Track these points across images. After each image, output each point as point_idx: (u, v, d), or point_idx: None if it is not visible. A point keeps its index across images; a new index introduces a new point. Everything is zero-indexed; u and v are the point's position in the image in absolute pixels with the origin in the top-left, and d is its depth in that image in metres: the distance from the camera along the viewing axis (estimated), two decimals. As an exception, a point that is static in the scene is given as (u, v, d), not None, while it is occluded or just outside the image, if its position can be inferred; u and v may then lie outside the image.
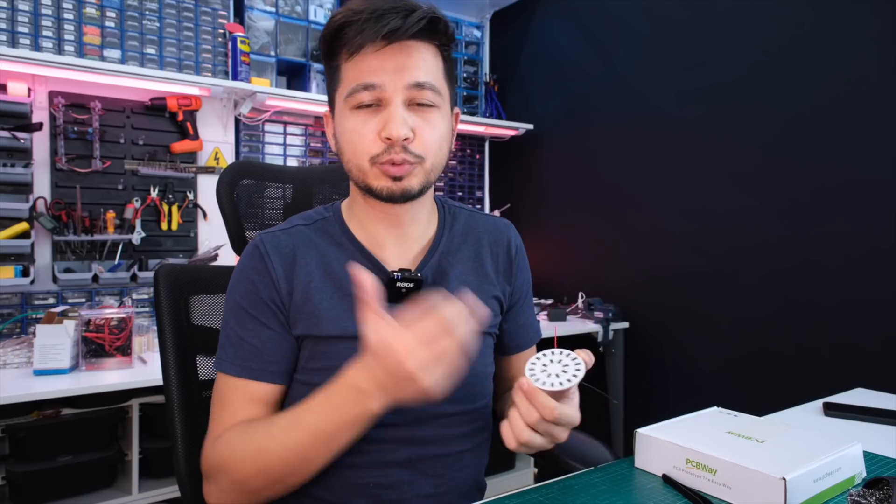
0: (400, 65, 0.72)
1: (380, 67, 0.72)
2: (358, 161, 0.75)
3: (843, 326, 1.75)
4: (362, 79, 0.72)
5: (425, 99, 0.74)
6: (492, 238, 0.90)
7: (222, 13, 2.20)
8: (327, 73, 0.79)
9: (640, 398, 2.34)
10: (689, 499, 0.66)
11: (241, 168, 0.99)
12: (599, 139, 2.52)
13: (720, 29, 2.06)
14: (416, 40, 0.74)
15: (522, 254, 0.93)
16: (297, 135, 2.51)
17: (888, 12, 1.66)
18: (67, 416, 1.72)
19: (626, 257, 2.40)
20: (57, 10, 1.91)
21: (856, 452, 0.70)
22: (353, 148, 0.75)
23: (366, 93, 0.73)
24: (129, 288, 2.08)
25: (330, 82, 0.79)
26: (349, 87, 0.73)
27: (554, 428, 0.64)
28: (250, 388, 0.76)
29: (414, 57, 0.73)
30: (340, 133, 0.77)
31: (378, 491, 0.77)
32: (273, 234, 0.81)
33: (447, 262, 0.84)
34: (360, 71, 0.73)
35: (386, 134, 0.72)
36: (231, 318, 0.78)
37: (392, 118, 0.72)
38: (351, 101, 0.74)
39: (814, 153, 1.82)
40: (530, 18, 2.84)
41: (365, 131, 0.73)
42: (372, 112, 0.73)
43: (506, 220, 0.95)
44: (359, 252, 0.81)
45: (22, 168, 1.89)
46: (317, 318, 0.76)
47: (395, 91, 0.72)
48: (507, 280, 0.90)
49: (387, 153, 0.73)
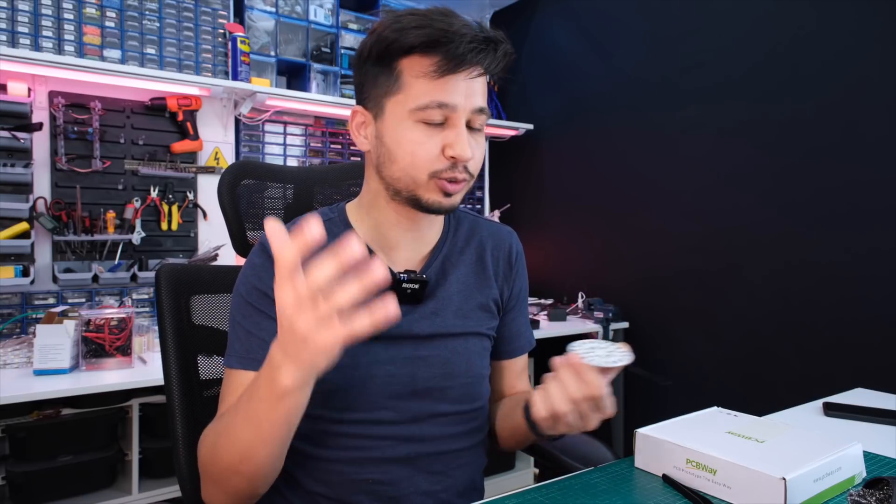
0: (471, 90, 0.75)
1: (455, 89, 0.74)
2: (415, 173, 0.75)
3: (843, 326, 1.75)
4: (439, 97, 0.73)
5: (480, 123, 0.78)
6: (494, 243, 0.92)
7: (222, 13, 2.20)
8: (373, 73, 0.77)
9: (640, 398, 2.34)
10: (689, 499, 0.66)
11: (242, 168, 1.00)
12: (599, 139, 2.52)
13: (720, 29, 2.06)
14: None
15: (522, 261, 0.95)
16: (297, 135, 2.51)
17: (888, 12, 1.66)
18: (67, 416, 1.72)
19: (626, 257, 2.40)
20: (57, 10, 1.91)
21: (856, 452, 0.70)
22: (412, 160, 0.75)
23: (438, 111, 0.74)
24: (129, 288, 2.08)
25: (378, 84, 0.77)
26: (420, 101, 0.74)
27: (592, 411, 0.67)
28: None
29: (479, 82, 0.76)
30: (396, 141, 0.76)
31: (377, 487, 0.78)
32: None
33: (450, 264, 0.86)
34: (438, 89, 0.73)
35: (454, 154, 0.74)
36: (238, 315, 0.79)
37: (461, 140, 0.74)
38: (420, 114, 0.74)
39: (814, 153, 1.82)
40: (530, 18, 2.84)
41: (430, 146, 0.74)
42: (436, 128, 0.75)
43: (509, 228, 0.97)
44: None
45: (22, 168, 1.89)
46: None
47: (463, 113, 0.75)
48: (506, 283, 0.92)
49: (450, 170, 0.75)
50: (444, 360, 0.82)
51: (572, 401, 0.66)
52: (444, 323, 0.83)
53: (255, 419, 0.65)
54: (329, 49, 2.49)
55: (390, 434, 0.78)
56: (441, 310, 0.83)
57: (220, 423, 0.72)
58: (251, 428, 0.65)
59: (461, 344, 0.84)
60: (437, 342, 0.82)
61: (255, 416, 0.65)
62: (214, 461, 0.71)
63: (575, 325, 2.28)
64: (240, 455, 0.67)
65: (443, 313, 0.83)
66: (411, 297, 0.80)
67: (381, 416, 0.78)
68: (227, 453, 0.68)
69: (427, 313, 0.82)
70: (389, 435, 0.78)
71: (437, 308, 0.83)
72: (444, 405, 0.81)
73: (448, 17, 0.74)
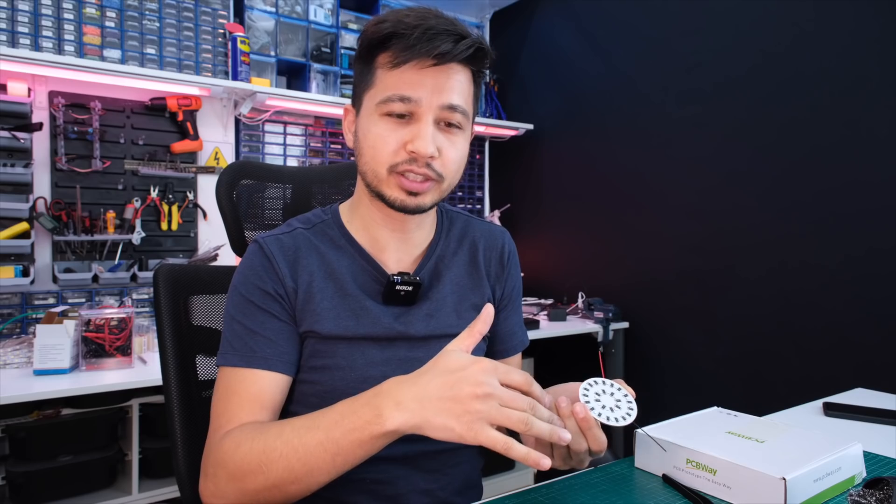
0: (439, 85, 0.74)
1: (419, 83, 0.73)
2: (375, 167, 0.76)
3: (843, 326, 1.75)
4: (399, 90, 0.73)
5: (454, 120, 0.76)
6: (487, 243, 0.92)
7: (222, 13, 2.20)
8: (358, 70, 0.80)
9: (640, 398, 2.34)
10: (689, 499, 0.66)
11: (240, 168, 0.99)
12: (599, 139, 2.52)
13: (720, 29, 2.06)
14: (457, 63, 0.76)
15: (515, 260, 0.95)
16: (297, 135, 2.51)
17: (888, 12, 1.66)
18: (67, 416, 1.72)
19: (626, 257, 2.40)
20: (57, 10, 1.91)
21: (856, 452, 0.70)
22: (373, 153, 0.76)
23: (400, 104, 0.74)
24: (129, 288, 2.08)
25: (360, 80, 0.79)
26: (384, 94, 0.74)
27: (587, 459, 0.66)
28: (259, 379, 0.75)
29: (452, 79, 0.75)
30: (363, 135, 0.78)
31: (375, 486, 0.78)
32: (275, 237, 0.82)
33: (443, 266, 0.87)
34: (399, 82, 0.73)
35: (413, 148, 0.73)
36: (238, 314, 0.78)
37: (422, 134, 0.73)
38: (383, 107, 0.74)
39: (813, 153, 1.82)
40: (530, 18, 2.84)
41: (390, 140, 0.74)
42: (401, 123, 0.75)
43: (502, 228, 0.97)
44: (358, 254, 0.83)
45: (22, 168, 1.89)
46: (318, 316, 0.78)
47: (428, 108, 0.74)
48: (498, 282, 0.92)
49: (407, 164, 0.75)
50: None
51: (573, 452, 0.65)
52: (438, 324, 0.83)
53: (333, 447, 0.63)
54: (329, 49, 2.49)
55: None
56: (436, 311, 0.83)
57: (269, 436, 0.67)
58: (325, 455, 0.64)
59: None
60: (433, 343, 0.82)
61: (333, 444, 0.63)
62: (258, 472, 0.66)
63: (575, 325, 2.28)
64: (296, 476, 0.65)
65: (437, 314, 0.83)
66: (405, 299, 0.81)
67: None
68: (282, 471, 0.65)
69: (422, 315, 0.82)
70: None
71: (431, 309, 0.83)
72: None
73: (425, 14, 0.74)
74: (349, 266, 0.82)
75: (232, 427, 0.72)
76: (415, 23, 0.72)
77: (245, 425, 0.71)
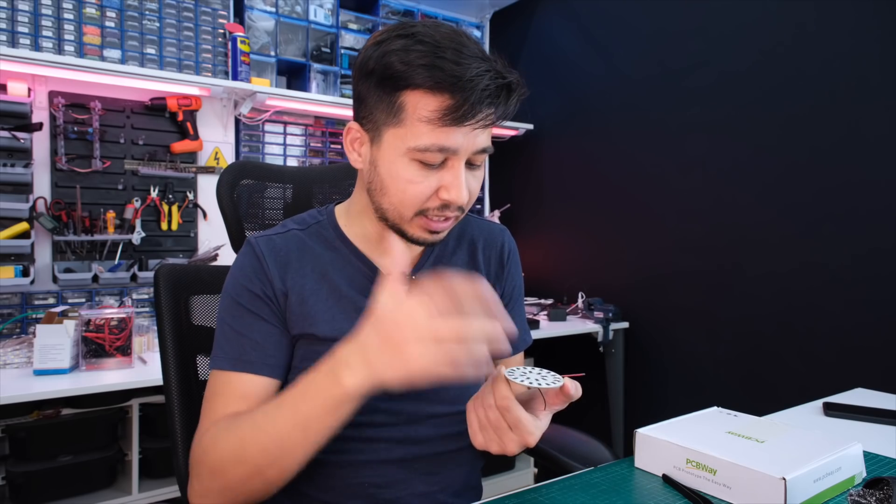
0: (476, 132, 0.71)
1: (459, 133, 0.70)
2: (402, 210, 0.74)
3: (843, 326, 1.75)
4: (441, 142, 0.69)
5: (480, 161, 0.75)
6: (486, 242, 0.91)
7: (222, 13, 2.20)
8: (374, 95, 0.72)
9: (640, 398, 2.34)
10: (689, 499, 0.66)
11: (241, 168, 1.00)
12: (599, 139, 2.52)
13: (720, 29, 2.06)
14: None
15: (515, 258, 0.94)
16: (297, 135, 2.51)
17: (888, 12, 1.66)
18: (67, 416, 1.72)
19: (626, 257, 2.40)
20: (57, 10, 1.91)
21: (856, 452, 0.70)
22: (402, 197, 0.73)
23: (439, 154, 0.70)
24: (129, 288, 2.08)
25: (377, 108, 0.72)
26: (420, 143, 0.69)
27: (503, 428, 0.65)
28: (245, 382, 0.75)
29: (488, 127, 0.73)
30: (388, 174, 0.73)
31: (373, 490, 0.77)
32: (267, 238, 0.81)
33: (441, 265, 0.86)
34: (443, 135, 0.69)
35: (448, 198, 0.72)
36: (228, 316, 0.78)
37: (457, 184, 0.71)
38: (418, 155, 0.70)
39: (814, 153, 1.82)
40: (530, 18, 2.84)
41: (423, 187, 0.72)
42: (434, 168, 0.72)
43: (501, 226, 0.95)
44: (354, 256, 0.82)
45: (22, 168, 1.89)
46: (312, 319, 0.77)
47: (463, 155, 0.71)
48: (498, 282, 0.91)
49: (440, 210, 0.73)
50: None
51: (484, 407, 0.66)
52: None
53: (302, 422, 0.64)
54: (329, 49, 2.49)
55: (385, 436, 0.77)
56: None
57: (243, 424, 0.68)
58: (296, 431, 0.64)
59: None
60: None
61: (302, 419, 0.64)
62: (236, 462, 0.67)
63: (575, 325, 2.28)
64: (272, 458, 0.66)
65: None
66: None
67: (375, 419, 0.77)
68: (258, 455, 0.66)
69: None
70: (384, 437, 0.77)
71: None
72: (439, 406, 0.80)
73: (460, 52, 0.68)
74: (344, 267, 0.81)
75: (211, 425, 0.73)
76: (462, 74, 0.66)
77: (220, 421, 0.72)
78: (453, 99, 0.67)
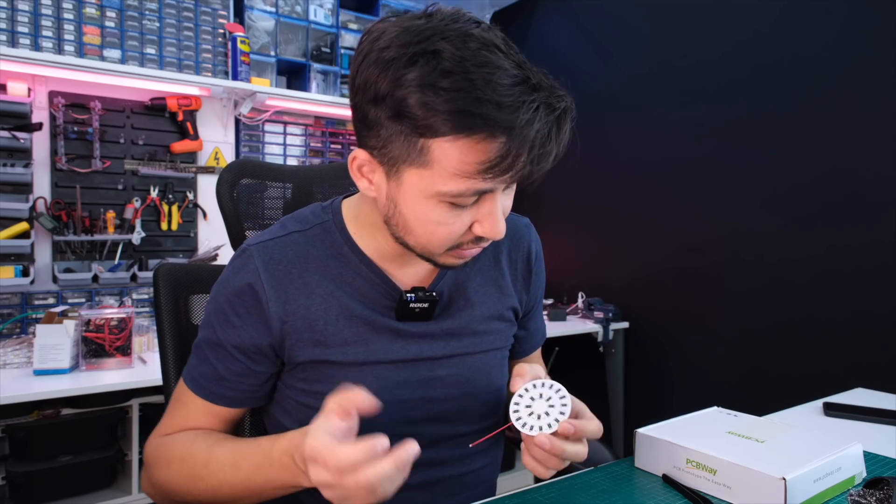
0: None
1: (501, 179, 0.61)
2: (431, 248, 0.66)
3: (843, 326, 1.75)
4: (479, 187, 0.60)
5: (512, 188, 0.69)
6: (511, 244, 0.83)
7: (222, 13, 2.20)
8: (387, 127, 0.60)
9: (640, 398, 2.34)
10: (689, 499, 0.66)
11: (241, 167, 0.99)
12: (599, 139, 2.52)
13: (720, 29, 2.06)
14: None
15: (541, 259, 0.87)
16: (297, 135, 2.51)
17: (888, 12, 1.66)
18: (67, 416, 1.72)
19: (626, 257, 2.40)
20: (57, 10, 1.91)
21: (856, 452, 0.70)
22: (430, 238, 0.65)
23: (474, 196, 0.62)
24: (129, 288, 2.08)
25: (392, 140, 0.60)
26: (454, 189, 0.60)
27: (564, 458, 0.62)
28: (207, 404, 0.73)
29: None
30: (412, 213, 0.64)
31: None
32: (266, 247, 0.72)
33: (464, 275, 0.78)
34: (482, 182, 0.60)
35: (485, 234, 0.64)
36: (207, 331, 0.73)
37: (493, 219, 0.63)
38: (451, 199, 0.61)
39: (814, 153, 1.82)
40: (530, 18, 2.84)
41: (456, 227, 0.64)
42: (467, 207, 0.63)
43: (525, 220, 0.87)
44: (365, 266, 0.73)
45: (22, 168, 1.89)
46: (323, 345, 0.70)
47: (499, 188, 0.63)
48: (526, 288, 0.85)
49: (474, 243, 0.67)
50: (462, 378, 0.76)
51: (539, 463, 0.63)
52: (460, 343, 0.76)
53: (256, 490, 0.64)
54: (329, 49, 2.49)
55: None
56: (456, 329, 0.76)
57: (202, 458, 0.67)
58: (249, 494, 0.65)
59: (480, 360, 0.77)
60: (455, 361, 0.75)
61: (257, 487, 0.64)
62: (185, 493, 0.69)
63: (575, 325, 2.28)
64: (221, 501, 0.67)
65: (459, 332, 0.76)
66: (421, 315, 0.73)
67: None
68: (207, 496, 0.67)
69: (441, 332, 0.75)
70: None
71: (451, 325, 0.75)
72: (463, 426, 0.76)
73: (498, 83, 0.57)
74: (354, 280, 0.72)
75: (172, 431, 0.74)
76: (502, 120, 0.56)
77: (180, 438, 0.71)
78: (498, 152, 0.57)
